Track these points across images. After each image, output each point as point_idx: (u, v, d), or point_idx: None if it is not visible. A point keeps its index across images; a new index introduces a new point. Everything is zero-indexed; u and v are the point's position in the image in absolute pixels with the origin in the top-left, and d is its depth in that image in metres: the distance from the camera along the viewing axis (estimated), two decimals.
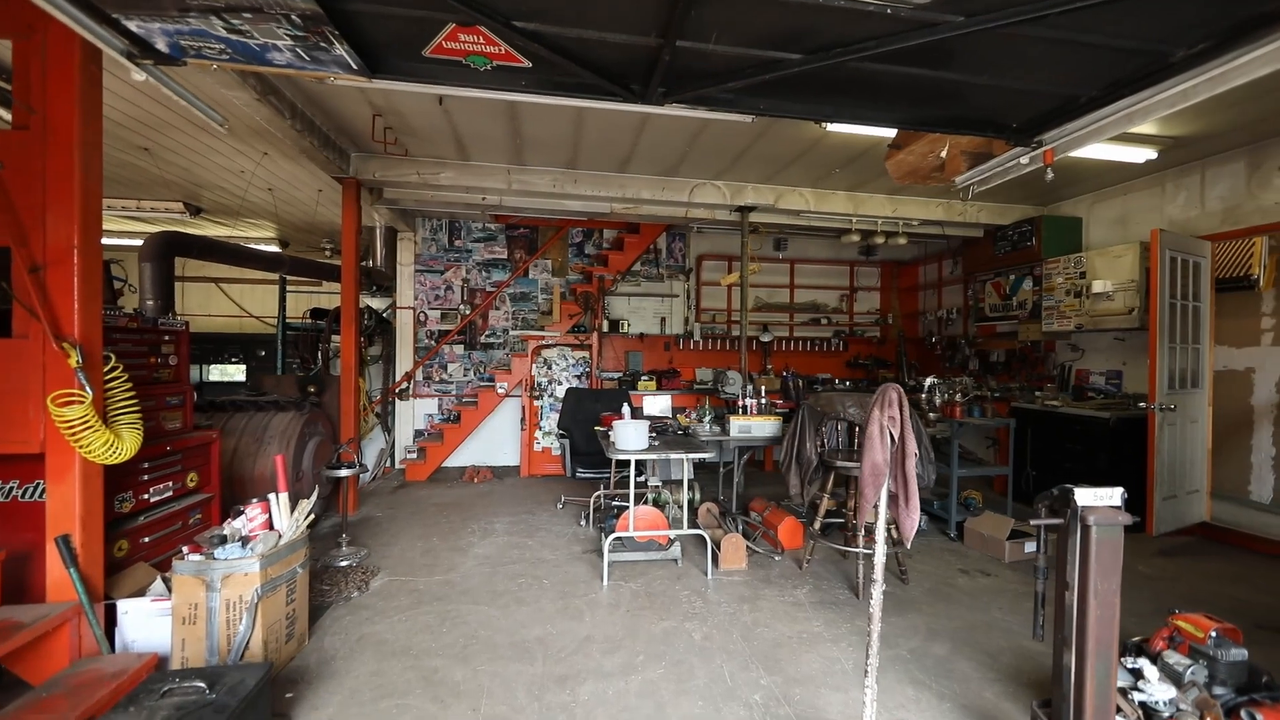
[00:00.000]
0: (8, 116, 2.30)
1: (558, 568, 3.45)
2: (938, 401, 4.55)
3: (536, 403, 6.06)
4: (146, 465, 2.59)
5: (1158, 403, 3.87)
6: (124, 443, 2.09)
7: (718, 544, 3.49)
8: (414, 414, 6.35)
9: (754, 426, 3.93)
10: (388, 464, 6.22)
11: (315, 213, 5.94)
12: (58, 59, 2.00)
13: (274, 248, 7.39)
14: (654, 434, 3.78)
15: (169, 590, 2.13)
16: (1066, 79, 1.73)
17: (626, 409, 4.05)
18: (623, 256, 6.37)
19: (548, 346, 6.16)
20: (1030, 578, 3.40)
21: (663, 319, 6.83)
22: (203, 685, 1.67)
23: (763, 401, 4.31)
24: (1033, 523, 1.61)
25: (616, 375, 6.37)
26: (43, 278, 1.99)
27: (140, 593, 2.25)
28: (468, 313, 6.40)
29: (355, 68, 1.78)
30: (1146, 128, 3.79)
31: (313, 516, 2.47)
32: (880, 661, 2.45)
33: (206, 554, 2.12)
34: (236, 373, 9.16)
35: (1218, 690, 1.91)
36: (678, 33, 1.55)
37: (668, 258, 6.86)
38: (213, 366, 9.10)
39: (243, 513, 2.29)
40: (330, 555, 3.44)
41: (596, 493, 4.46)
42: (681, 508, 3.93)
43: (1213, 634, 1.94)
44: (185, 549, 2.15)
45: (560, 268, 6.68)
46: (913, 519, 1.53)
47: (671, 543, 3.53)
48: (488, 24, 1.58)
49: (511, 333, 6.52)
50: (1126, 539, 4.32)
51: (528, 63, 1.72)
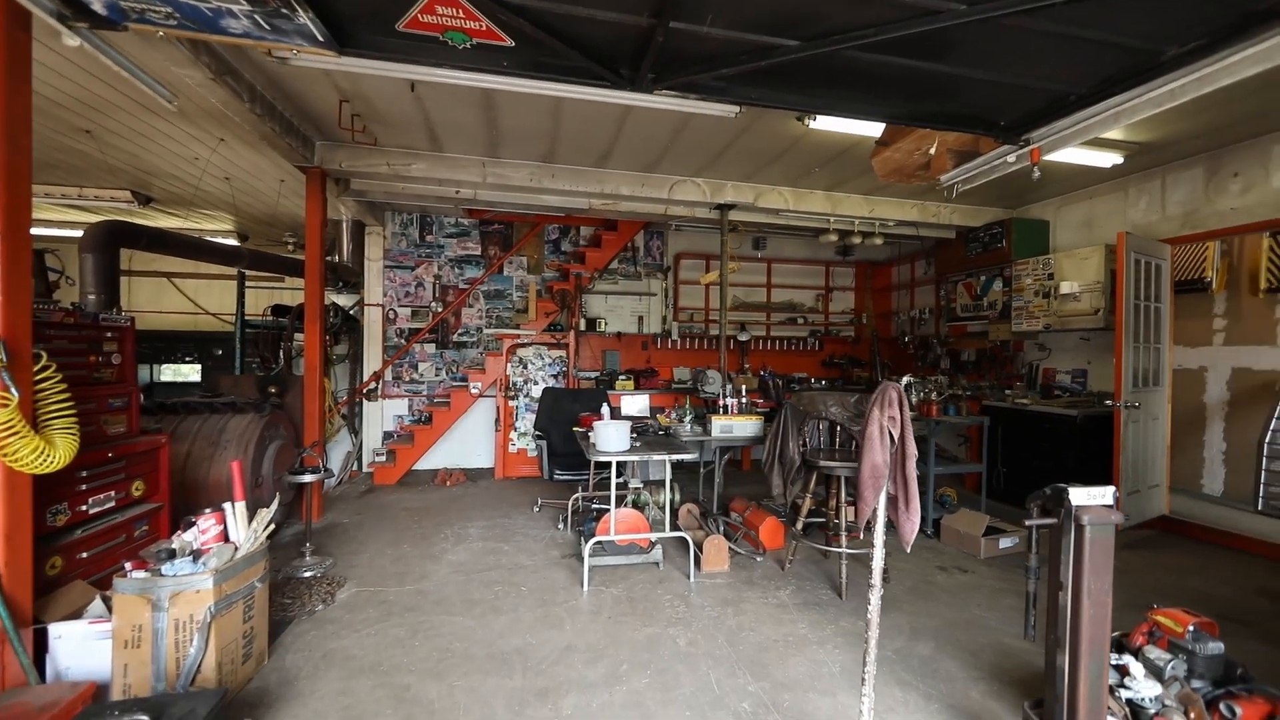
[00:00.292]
0: None
1: (536, 573, 3.34)
2: (914, 400, 4.61)
3: (512, 403, 5.90)
4: (85, 474, 2.38)
5: (1123, 400, 3.99)
6: (56, 449, 1.89)
7: (700, 546, 3.43)
8: (383, 415, 6.12)
9: (736, 426, 3.88)
10: (355, 467, 5.97)
11: (277, 204, 5.65)
12: None
13: (232, 241, 7.02)
14: (635, 435, 3.70)
15: (109, 611, 1.94)
16: (1060, 75, 1.73)
17: (606, 409, 3.96)
18: (600, 254, 6.26)
19: (523, 345, 6.01)
20: (1006, 573, 3.45)
21: (640, 318, 6.75)
22: (145, 718, 1.51)
23: (743, 401, 4.27)
24: (1027, 523, 1.59)
25: (594, 375, 6.27)
26: None
27: (76, 614, 2.05)
28: (440, 310, 6.19)
29: (321, 40, 1.63)
30: (1115, 133, 3.89)
31: (273, 526, 2.30)
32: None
33: (153, 570, 1.95)
34: (191, 373, 8.70)
35: (1196, 683, 1.94)
36: (672, 13, 1.47)
37: (646, 256, 6.78)
38: (165, 366, 8.62)
39: (194, 524, 2.11)
40: (293, 566, 3.25)
41: (575, 495, 4.35)
42: (663, 509, 3.86)
43: (1191, 628, 1.96)
44: (129, 565, 1.97)
45: (536, 265, 6.53)
46: (913, 522, 1.49)
47: (653, 545, 3.46)
48: None
49: (485, 331, 6.34)
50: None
51: (510, 41, 1.61)
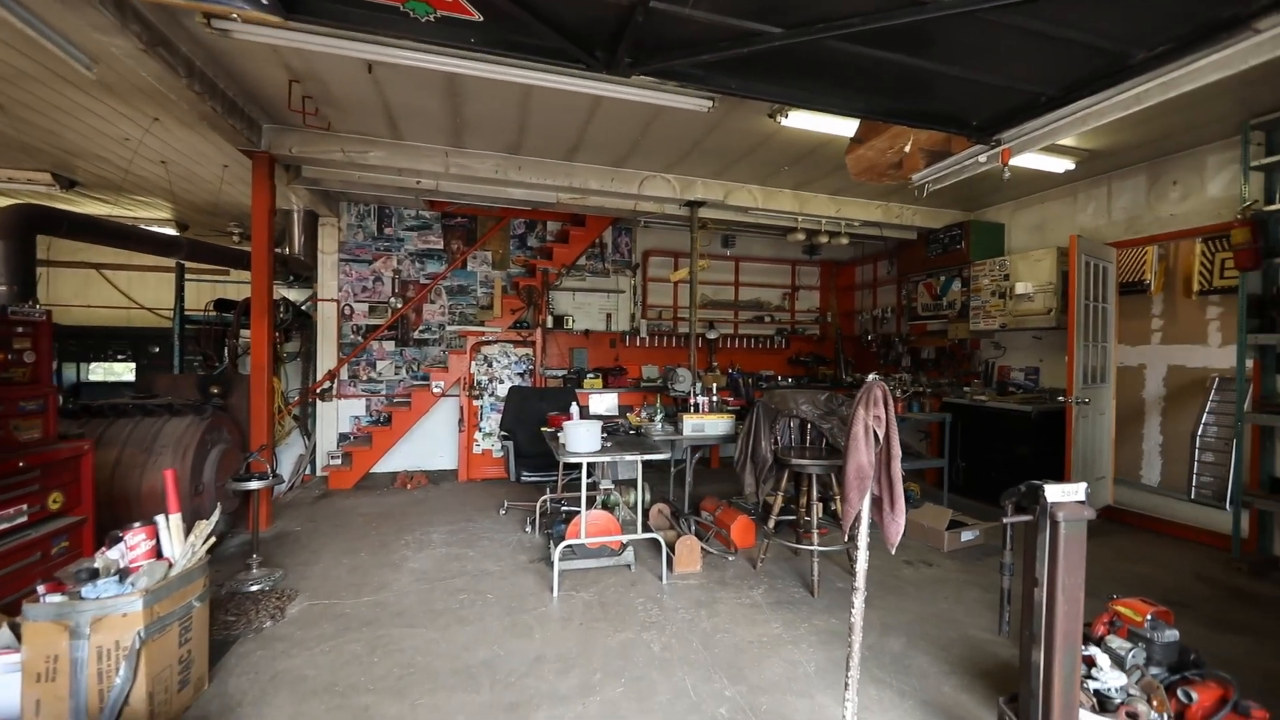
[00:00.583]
0: None
1: (503, 580, 3.22)
2: None
3: (476, 402, 5.72)
4: None
5: (1075, 397, 4.16)
6: None
7: (672, 547, 3.38)
8: (338, 416, 5.83)
9: (707, 425, 3.85)
10: (307, 471, 5.66)
11: (220, 192, 5.28)
12: None
13: (170, 231, 6.54)
14: (606, 434, 3.61)
15: (18, 640, 1.73)
16: (1033, 76, 1.74)
17: (575, 408, 3.85)
18: (568, 250, 6.13)
19: (488, 343, 5.83)
20: (969, 565, 3.54)
21: (609, 315, 6.66)
22: None
23: (714, 399, 4.25)
24: (1004, 520, 1.59)
25: (561, 373, 6.14)
26: None
27: None
28: (399, 306, 5.94)
29: (265, 2, 1.48)
30: (1069, 140, 4.04)
31: (214, 539, 2.11)
32: (842, 661, 2.43)
33: (71, 593, 1.74)
34: (125, 372, 8.09)
35: (1153, 670, 2.00)
36: None
37: (614, 253, 6.69)
38: (95, 365, 7.99)
39: (121, 539, 1.90)
40: (238, 579, 3.02)
41: (543, 497, 4.24)
42: (634, 510, 3.79)
43: (1149, 618, 2.03)
44: (42, 588, 1.76)
45: (501, 260, 6.35)
46: (898, 524, 1.47)
47: (624, 547, 3.39)
48: None
49: (448, 328, 6.12)
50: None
51: (479, 15, 1.50)
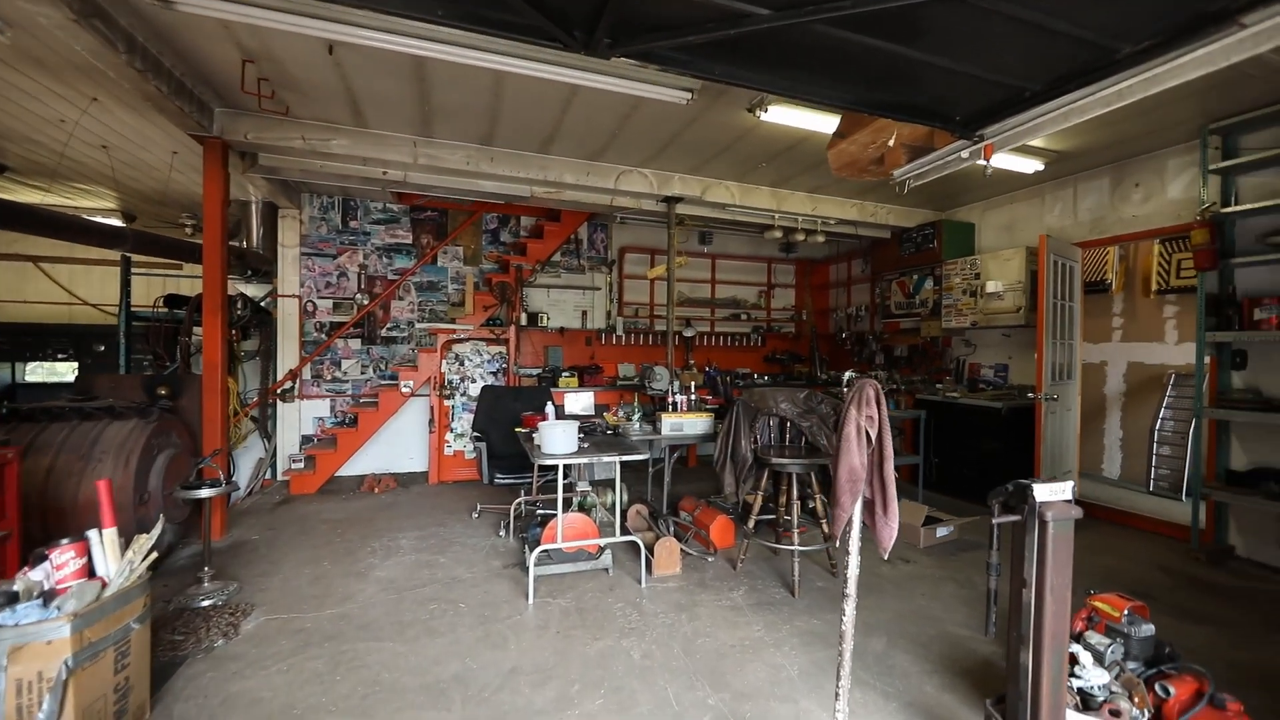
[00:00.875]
0: None
1: (475, 587, 3.09)
2: None
3: (447, 402, 5.54)
4: None
5: (1044, 393, 4.25)
6: None
7: (650, 549, 3.30)
8: (300, 417, 5.57)
9: (686, 424, 3.79)
10: (268, 476, 5.40)
11: (170, 180, 4.97)
12: None
13: (115, 221, 6.15)
14: (583, 435, 3.52)
15: None
16: (1019, 69, 1.72)
17: (550, 408, 3.74)
18: (542, 245, 5.99)
19: (459, 341, 5.66)
20: (945, 561, 3.57)
21: (584, 312, 6.54)
22: None
23: (692, 398, 4.19)
24: (994, 521, 1.56)
25: (536, 371, 6.00)
26: None
27: None
28: (366, 303, 5.71)
29: None
30: (1039, 141, 4.11)
31: (154, 555, 1.94)
32: (825, 664, 2.39)
33: None
34: (68, 372, 7.60)
35: (1131, 665, 2.02)
36: None
37: (589, 249, 6.58)
38: (33, 365, 7.48)
39: (46, 558, 1.73)
40: (188, 594, 2.82)
41: (517, 499, 4.11)
42: (612, 511, 3.71)
43: (1126, 613, 2.05)
44: None
45: (473, 255, 6.16)
46: (891, 528, 1.43)
47: (602, 551, 3.30)
48: None
49: (418, 325, 5.91)
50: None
51: None
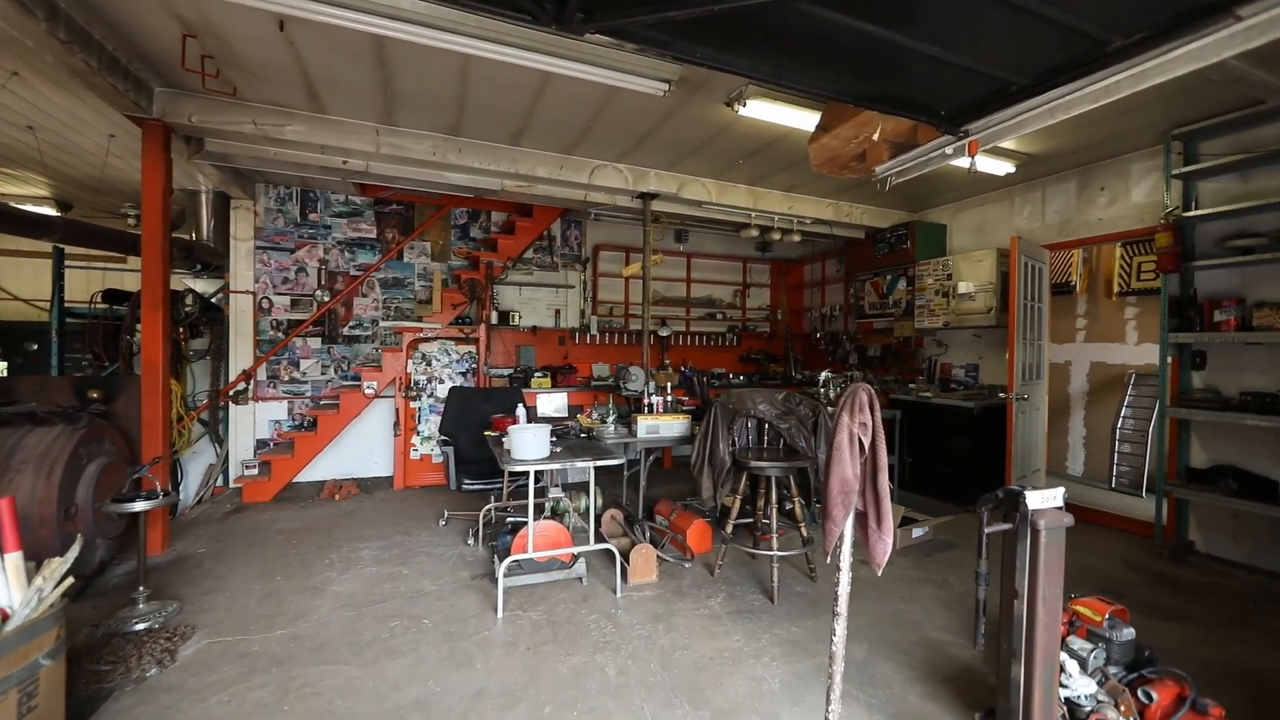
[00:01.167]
0: None
1: (441, 601, 2.92)
2: (832, 395, 4.69)
3: (414, 404, 5.31)
4: None
5: (1015, 393, 4.29)
6: None
7: (626, 556, 3.19)
8: (255, 421, 5.26)
9: (662, 426, 3.69)
10: (219, 483, 5.08)
11: (107, 166, 4.61)
12: None
13: (48, 210, 5.70)
14: (555, 438, 3.38)
15: None
16: (1010, 60, 1.67)
17: (521, 410, 3.60)
18: (514, 242, 5.81)
19: (426, 340, 5.43)
20: (921, 562, 3.56)
21: (557, 311, 6.38)
22: None
23: (668, 399, 4.09)
24: (987, 530, 1.50)
25: (507, 372, 5.82)
26: None
27: None
28: (326, 300, 5.43)
29: None
30: (1010, 143, 4.15)
31: (69, 580, 1.73)
32: (806, 674, 2.32)
33: None
34: None
35: (1112, 669, 2.00)
36: None
37: (563, 246, 6.42)
38: None
39: None
40: (119, 618, 2.57)
41: (487, 506, 3.94)
42: (586, 516, 3.58)
43: (1107, 617, 2.03)
44: None
45: (442, 251, 5.94)
46: (885, 542, 1.34)
47: (575, 560, 3.17)
48: None
49: (382, 324, 5.66)
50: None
51: None
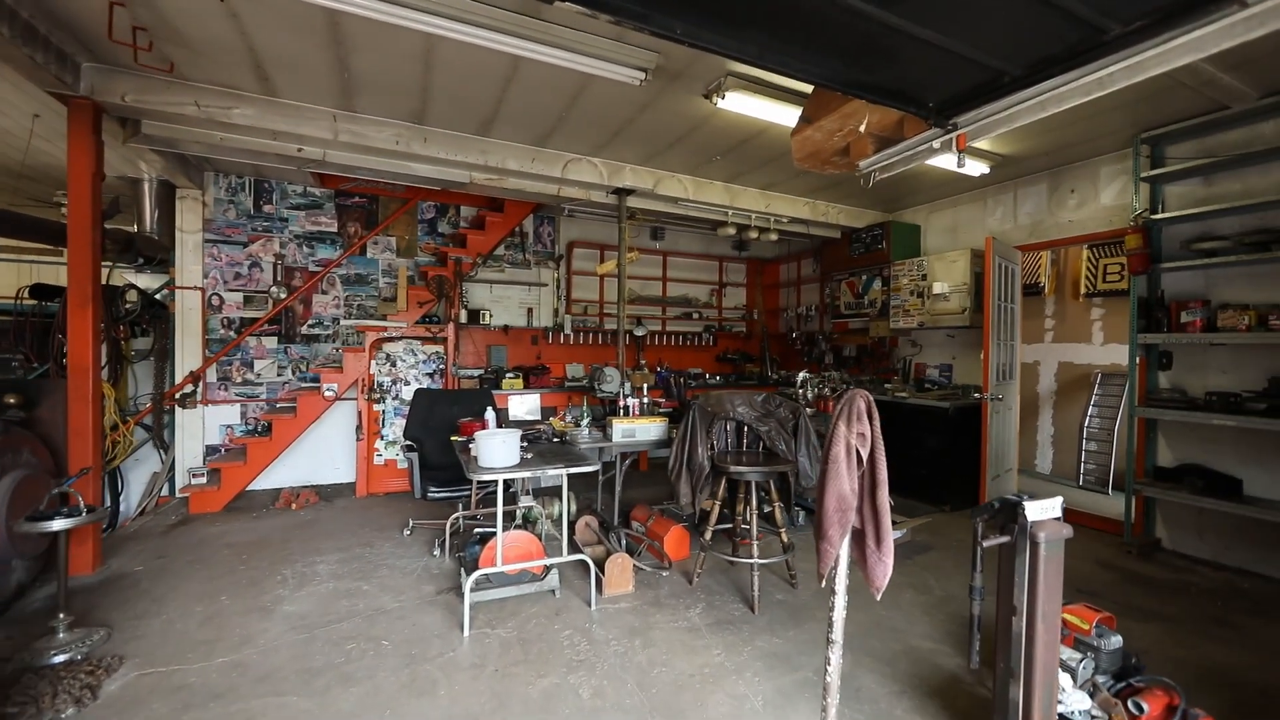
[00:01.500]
0: None
1: (403, 619, 2.73)
2: (810, 396, 4.64)
3: (377, 407, 5.06)
4: None
5: (990, 393, 4.31)
6: None
7: (601, 566, 3.05)
8: (204, 426, 4.92)
9: (639, 430, 3.55)
10: (164, 492, 4.74)
11: (30, 149, 4.21)
12: None
13: None
14: (525, 443, 3.21)
15: None
16: (1005, 47, 1.59)
17: (490, 414, 3.42)
18: (484, 237, 5.59)
19: (391, 339, 5.18)
20: (899, 565, 3.49)
21: (530, 310, 6.19)
22: None
23: (645, 401, 3.96)
24: (985, 544, 1.42)
25: (477, 373, 5.60)
26: None
27: None
28: (283, 297, 5.12)
29: None
30: (985, 144, 4.15)
31: None
32: (789, 690, 2.22)
33: None
34: None
35: (1100, 679, 1.96)
36: None
37: (536, 243, 6.22)
38: None
39: None
40: (35, 649, 2.31)
41: (454, 514, 3.75)
42: (559, 524, 3.42)
43: (1095, 624, 1.98)
44: None
45: (408, 247, 5.68)
46: (885, 564, 1.24)
47: (547, 571, 3.01)
48: None
49: (344, 323, 5.37)
50: (964, 519, 4.62)
51: None
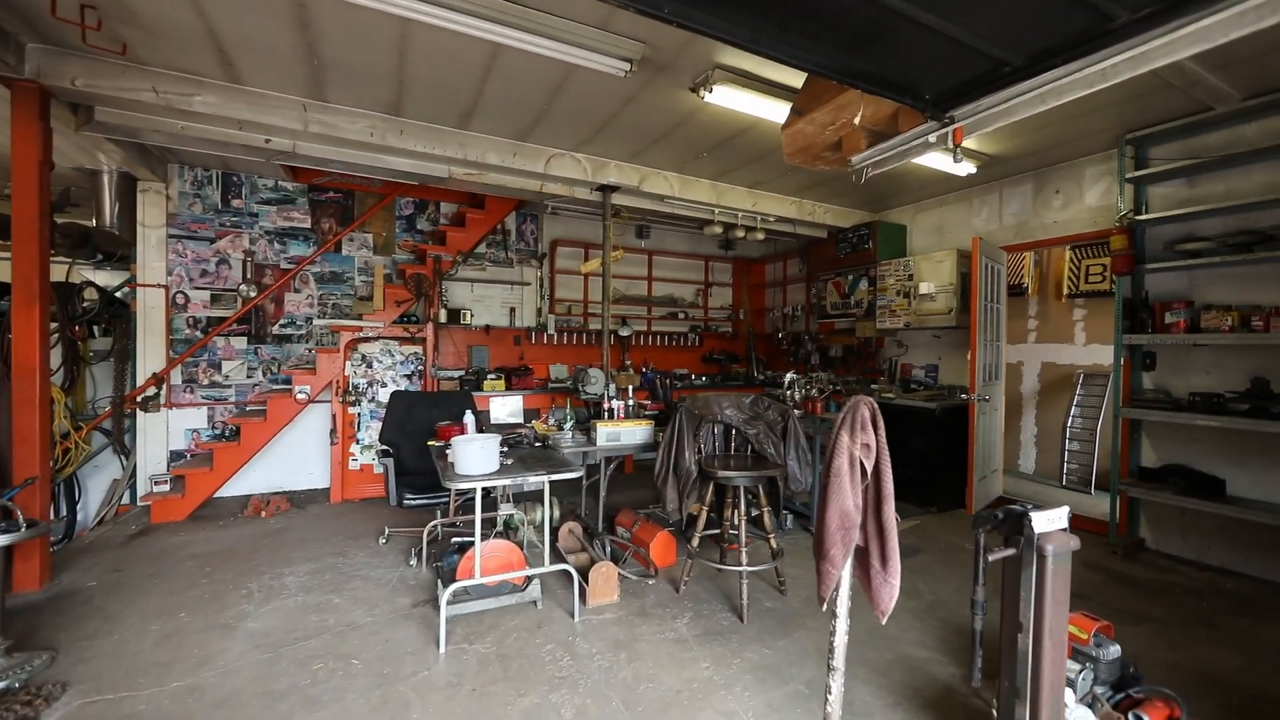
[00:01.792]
0: None
1: (375, 635, 2.59)
2: (798, 397, 4.58)
3: (353, 410, 4.88)
4: None
5: (977, 394, 4.29)
6: None
7: (585, 575, 2.94)
8: (169, 430, 4.70)
9: (623, 434, 3.45)
10: (124, 500, 4.52)
11: None
12: None
13: None
14: (505, 448, 3.09)
15: None
16: (1008, 34, 1.52)
17: (470, 418, 3.27)
18: (465, 235, 5.44)
19: (367, 340, 5.00)
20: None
21: (512, 309, 6.05)
22: None
23: (630, 403, 3.86)
24: (990, 558, 1.34)
25: (457, 374, 5.44)
26: None
27: None
28: (253, 295, 4.91)
29: None
30: (972, 143, 4.13)
31: None
32: (780, 704, 2.14)
33: None
34: None
35: (1099, 689, 1.91)
36: None
37: (518, 241, 6.08)
38: None
39: None
40: None
41: (433, 521, 3.61)
42: (541, 530, 3.31)
43: (1094, 634, 1.93)
44: None
45: (385, 244, 5.50)
46: (892, 585, 1.14)
47: (529, 582, 2.89)
48: None
49: (317, 322, 5.18)
50: (951, 520, 4.58)
51: None
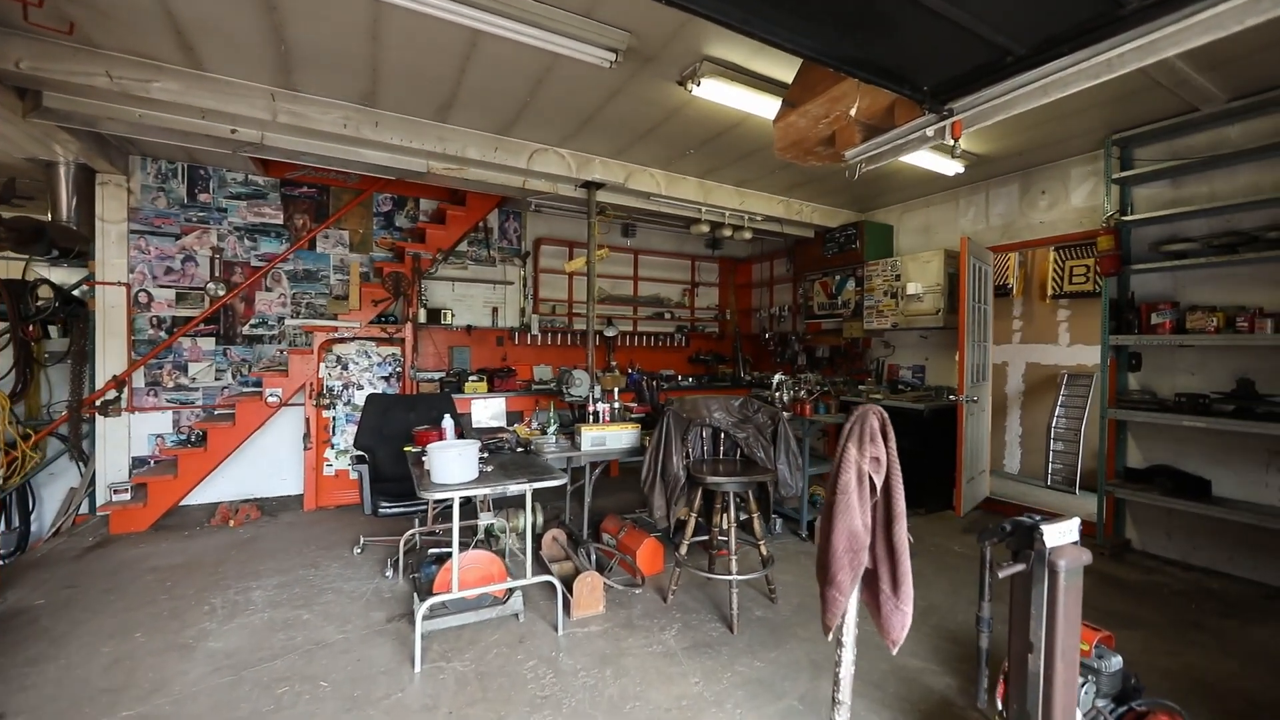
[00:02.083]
0: None
1: (347, 654, 2.45)
2: (786, 399, 4.51)
3: (327, 413, 4.69)
4: None
5: (966, 395, 4.26)
6: None
7: (569, 585, 2.82)
8: (130, 435, 4.47)
9: (609, 438, 3.34)
10: (82, 510, 4.28)
11: None
12: None
13: None
14: (486, 454, 2.96)
15: None
16: (1013, 20, 1.45)
17: (449, 423, 3.14)
18: (445, 232, 5.28)
19: (343, 340, 4.82)
20: None
21: (495, 309, 5.90)
22: None
23: (616, 406, 3.75)
24: (1001, 574, 1.26)
25: (438, 376, 5.28)
26: None
27: None
28: (221, 294, 4.70)
29: None
30: (960, 142, 4.08)
31: None
32: (773, 719, 2.05)
33: None
34: None
35: (1101, 703, 1.85)
36: None
37: (501, 239, 5.93)
38: None
39: None
40: None
41: (410, 531, 3.46)
42: (522, 537, 3.18)
43: (1096, 645, 1.87)
44: None
45: (362, 242, 5.31)
46: (904, 612, 1.05)
47: (510, 594, 2.77)
48: None
49: (290, 322, 4.98)
50: (940, 522, 4.54)
51: None
